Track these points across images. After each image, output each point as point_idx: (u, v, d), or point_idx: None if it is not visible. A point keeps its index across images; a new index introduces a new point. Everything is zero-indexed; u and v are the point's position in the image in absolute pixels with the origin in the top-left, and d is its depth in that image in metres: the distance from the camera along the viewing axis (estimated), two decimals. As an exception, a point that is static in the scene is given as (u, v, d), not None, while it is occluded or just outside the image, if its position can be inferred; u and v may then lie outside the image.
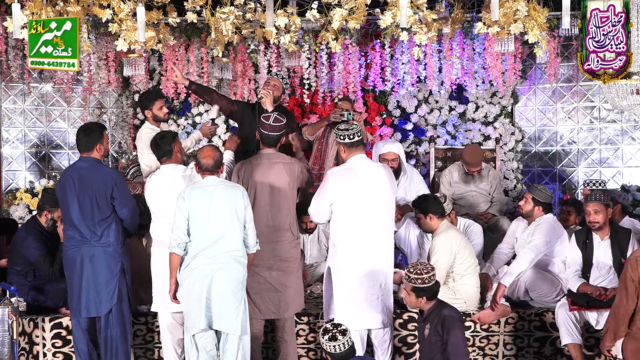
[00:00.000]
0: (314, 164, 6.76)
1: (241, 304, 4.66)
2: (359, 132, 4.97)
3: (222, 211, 4.62)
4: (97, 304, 4.96)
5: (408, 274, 4.63)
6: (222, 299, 4.59)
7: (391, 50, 7.52)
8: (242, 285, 4.68)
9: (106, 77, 7.65)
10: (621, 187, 7.72)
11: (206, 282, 4.58)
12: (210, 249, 4.60)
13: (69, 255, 4.99)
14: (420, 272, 4.62)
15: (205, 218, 4.61)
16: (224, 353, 4.65)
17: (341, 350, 4.26)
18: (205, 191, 4.66)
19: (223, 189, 4.69)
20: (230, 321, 4.61)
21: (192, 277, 4.61)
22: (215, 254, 4.60)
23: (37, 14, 5.69)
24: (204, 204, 4.62)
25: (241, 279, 4.67)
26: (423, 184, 6.63)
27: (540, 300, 5.64)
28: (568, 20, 5.46)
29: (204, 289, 4.58)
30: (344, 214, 4.95)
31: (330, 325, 4.34)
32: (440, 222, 5.54)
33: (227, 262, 4.61)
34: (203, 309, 4.58)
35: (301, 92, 7.70)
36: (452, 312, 4.62)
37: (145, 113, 5.78)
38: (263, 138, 5.21)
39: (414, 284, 4.61)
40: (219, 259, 4.60)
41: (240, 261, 4.67)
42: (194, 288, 4.60)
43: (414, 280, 4.60)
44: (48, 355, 5.43)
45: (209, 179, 4.72)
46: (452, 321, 4.56)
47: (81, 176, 4.95)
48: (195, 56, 7.48)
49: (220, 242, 4.61)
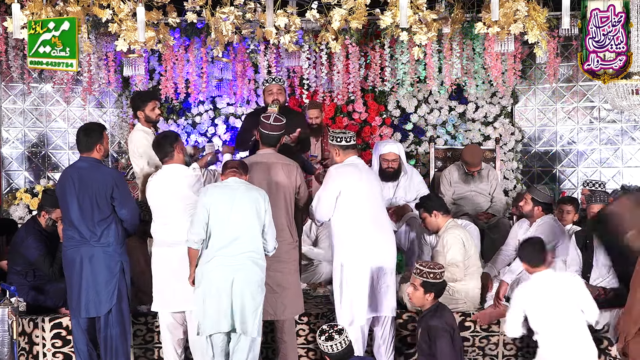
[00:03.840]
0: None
1: (259, 306, 4.67)
2: (354, 137, 5.12)
3: (242, 212, 4.63)
4: (96, 304, 4.95)
5: (420, 268, 4.62)
6: (242, 302, 4.59)
7: (391, 50, 7.52)
8: (261, 288, 4.68)
9: (106, 77, 7.65)
10: (621, 187, 7.72)
11: (227, 285, 4.58)
12: (227, 248, 4.60)
13: (69, 255, 4.99)
14: (433, 267, 4.62)
15: (226, 217, 4.62)
16: (235, 353, 4.65)
17: (338, 349, 4.26)
18: (227, 190, 4.68)
19: (245, 190, 4.70)
20: (249, 324, 4.61)
21: (211, 277, 4.60)
22: (233, 253, 4.60)
23: (37, 14, 5.69)
24: (225, 203, 4.63)
25: (260, 282, 4.67)
26: (423, 184, 6.64)
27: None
28: (568, 20, 5.46)
29: (225, 291, 4.58)
30: (349, 208, 5.01)
31: (327, 326, 4.35)
32: (445, 220, 5.55)
33: (245, 264, 4.61)
34: (225, 311, 4.58)
35: (301, 92, 7.71)
36: (438, 323, 4.54)
37: (138, 114, 5.78)
38: (263, 138, 5.22)
39: (425, 278, 4.58)
40: (238, 260, 4.60)
41: (258, 263, 4.67)
42: (212, 289, 4.60)
43: (427, 274, 4.58)
44: (48, 355, 5.43)
45: (232, 179, 4.74)
46: (437, 331, 4.49)
47: (81, 176, 4.95)
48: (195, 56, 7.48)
49: (237, 243, 4.61)
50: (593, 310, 4.42)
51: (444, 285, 4.65)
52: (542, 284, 4.45)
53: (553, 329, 4.37)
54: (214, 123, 8.25)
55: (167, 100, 7.86)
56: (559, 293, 4.41)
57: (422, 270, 4.60)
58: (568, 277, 4.60)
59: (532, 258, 4.50)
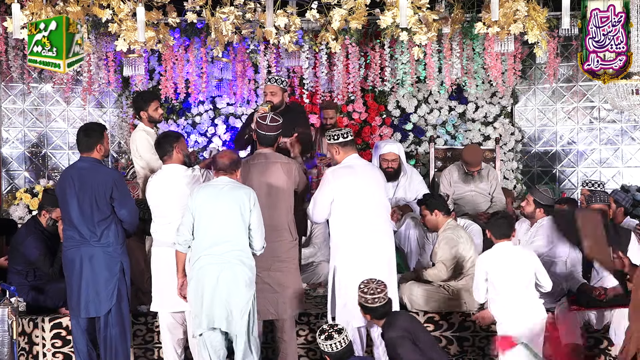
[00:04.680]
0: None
1: (248, 305, 4.65)
2: (350, 131, 5.09)
3: (225, 211, 4.62)
4: (96, 304, 4.95)
5: (359, 294, 4.58)
6: (228, 300, 4.59)
7: (391, 50, 7.52)
8: (249, 286, 4.65)
9: (106, 77, 7.65)
10: (621, 187, 7.72)
11: (211, 283, 4.59)
12: (214, 247, 4.60)
13: (68, 255, 4.98)
14: (366, 291, 4.55)
15: (210, 217, 4.62)
16: (236, 354, 4.66)
17: (338, 348, 4.26)
18: (213, 190, 4.68)
19: (230, 189, 4.68)
20: (236, 322, 4.62)
21: (198, 276, 4.62)
22: (220, 252, 4.60)
23: (37, 14, 5.68)
24: (209, 203, 4.63)
25: (247, 280, 4.64)
26: (423, 184, 6.63)
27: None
28: (568, 20, 5.46)
29: (209, 290, 4.59)
30: (344, 211, 4.99)
31: (327, 326, 4.36)
32: (446, 220, 5.56)
33: (232, 263, 4.61)
34: (207, 308, 4.59)
35: (301, 92, 7.71)
36: (392, 334, 4.50)
37: (141, 114, 5.79)
38: (260, 138, 5.22)
39: (362, 302, 4.56)
40: (224, 258, 4.60)
41: (245, 262, 4.65)
42: (199, 288, 4.61)
43: (362, 299, 4.56)
44: (48, 355, 5.43)
45: (220, 178, 4.73)
46: (394, 341, 4.47)
47: (81, 176, 4.95)
48: (195, 56, 7.48)
49: (223, 242, 4.61)
50: (547, 282, 4.88)
51: (384, 307, 4.57)
52: (502, 253, 4.84)
53: (507, 293, 4.79)
54: (214, 123, 8.25)
55: (167, 100, 7.86)
56: (516, 263, 4.82)
57: (360, 296, 4.57)
58: (526, 252, 4.98)
59: (499, 231, 4.87)
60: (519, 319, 4.73)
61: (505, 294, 4.78)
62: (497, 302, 4.84)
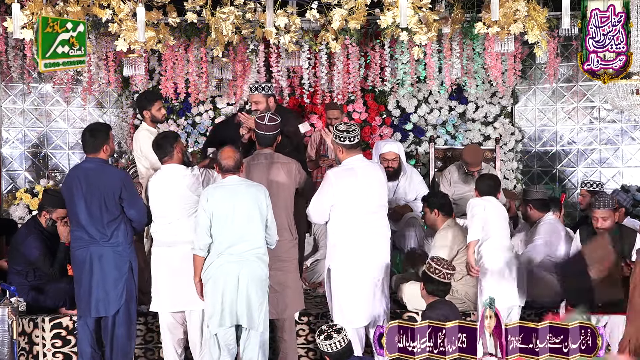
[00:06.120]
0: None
1: (264, 301, 4.70)
2: (359, 135, 5.02)
3: (245, 209, 4.65)
4: (105, 304, 4.95)
5: (431, 259, 4.84)
6: (248, 297, 4.62)
7: (391, 50, 7.52)
8: (265, 283, 4.72)
9: (106, 77, 7.64)
10: (621, 187, 7.72)
11: (232, 281, 4.61)
12: (234, 247, 4.63)
13: (78, 256, 4.98)
14: (441, 263, 4.79)
15: (229, 217, 4.63)
16: (245, 349, 4.69)
17: (337, 348, 4.26)
18: (227, 190, 4.69)
19: (245, 187, 4.72)
20: (255, 318, 4.65)
21: (217, 275, 4.63)
22: (239, 251, 4.63)
23: (37, 14, 5.69)
24: (227, 203, 4.65)
25: (264, 277, 4.71)
26: (423, 184, 6.63)
27: (541, 300, 5.64)
28: (568, 20, 5.46)
29: (230, 288, 4.61)
30: (344, 214, 4.97)
31: (326, 326, 4.36)
32: (444, 220, 5.57)
33: (251, 261, 4.65)
34: (229, 307, 4.61)
35: (301, 92, 7.70)
36: (430, 314, 4.56)
37: (144, 114, 5.77)
38: (259, 139, 5.22)
39: (425, 270, 4.81)
40: (243, 257, 4.63)
41: (263, 259, 4.71)
42: (218, 287, 4.62)
43: (429, 265, 4.81)
44: (48, 356, 5.43)
45: (230, 178, 4.74)
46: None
47: (88, 177, 4.94)
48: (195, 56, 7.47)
49: (243, 240, 4.64)
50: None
51: (441, 286, 4.76)
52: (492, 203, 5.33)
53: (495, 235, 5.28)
54: (214, 123, 8.24)
55: (167, 100, 7.85)
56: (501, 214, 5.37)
57: (429, 263, 4.82)
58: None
59: (487, 190, 5.37)
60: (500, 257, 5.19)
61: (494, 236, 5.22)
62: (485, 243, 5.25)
